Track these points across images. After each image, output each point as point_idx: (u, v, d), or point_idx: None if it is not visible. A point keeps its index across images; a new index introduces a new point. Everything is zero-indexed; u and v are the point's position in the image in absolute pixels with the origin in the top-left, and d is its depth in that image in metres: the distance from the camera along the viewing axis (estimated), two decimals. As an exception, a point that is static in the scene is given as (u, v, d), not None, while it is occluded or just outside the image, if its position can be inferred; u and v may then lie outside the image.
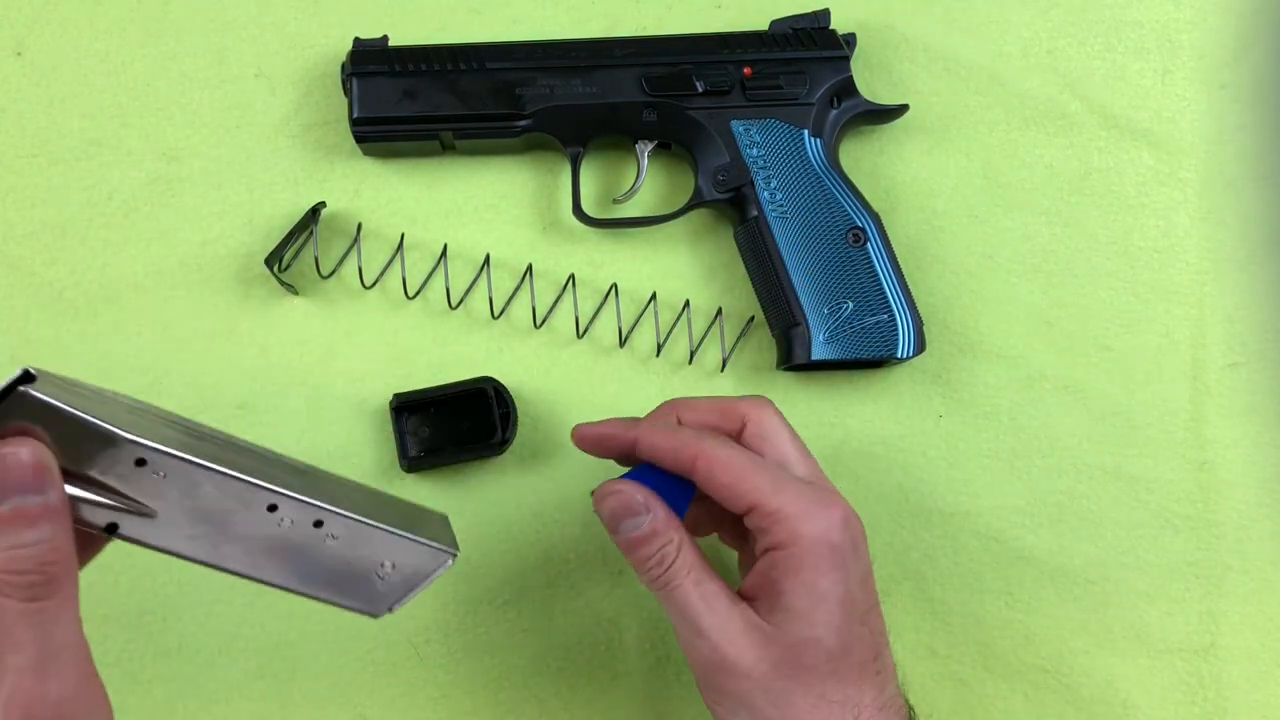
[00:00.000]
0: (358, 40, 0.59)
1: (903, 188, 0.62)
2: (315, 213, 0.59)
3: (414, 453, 0.58)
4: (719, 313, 0.61)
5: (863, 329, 0.57)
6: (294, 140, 0.61)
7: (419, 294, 0.60)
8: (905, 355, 0.57)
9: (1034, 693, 0.59)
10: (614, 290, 0.60)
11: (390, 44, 0.59)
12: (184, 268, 0.60)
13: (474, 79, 0.58)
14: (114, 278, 0.60)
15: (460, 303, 0.60)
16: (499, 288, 0.61)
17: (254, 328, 0.60)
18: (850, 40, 0.60)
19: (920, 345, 0.57)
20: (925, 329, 0.59)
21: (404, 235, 0.60)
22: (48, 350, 0.59)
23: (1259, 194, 0.62)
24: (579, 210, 0.59)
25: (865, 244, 0.57)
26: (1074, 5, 0.64)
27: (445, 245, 0.60)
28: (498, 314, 0.60)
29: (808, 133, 0.59)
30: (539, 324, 0.60)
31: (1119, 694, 0.59)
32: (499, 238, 0.61)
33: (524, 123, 0.58)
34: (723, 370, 0.61)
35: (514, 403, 0.58)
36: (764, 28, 0.60)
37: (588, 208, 0.61)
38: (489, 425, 0.58)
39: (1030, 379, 0.61)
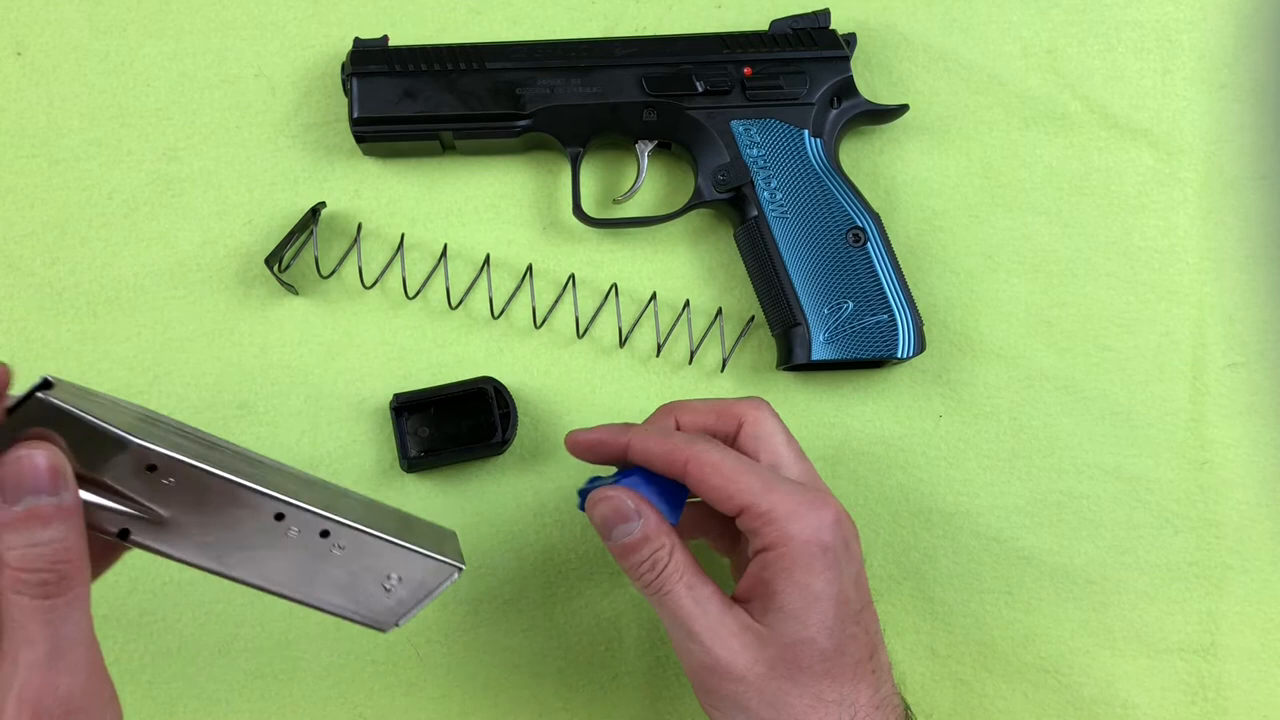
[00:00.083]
0: (358, 40, 0.59)
1: (903, 188, 0.62)
2: (315, 213, 0.59)
3: (414, 453, 0.58)
4: (719, 313, 0.61)
5: (863, 329, 0.57)
6: (294, 140, 0.61)
7: (419, 294, 0.60)
8: (905, 355, 0.57)
9: (1034, 693, 0.59)
10: (614, 290, 0.60)
11: (390, 44, 0.59)
12: (184, 268, 0.60)
13: (474, 79, 0.58)
14: (114, 278, 0.60)
15: (460, 303, 0.60)
16: (499, 288, 0.61)
17: (254, 328, 0.60)
18: (850, 40, 0.60)
19: (920, 345, 0.57)
20: (925, 329, 0.59)
21: (404, 235, 0.60)
22: (48, 350, 0.59)
23: (1259, 194, 0.62)
24: (579, 210, 0.59)
25: (865, 244, 0.57)
26: (1074, 5, 0.64)
27: (445, 245, 0.60)
28: (498, 314, 0.60)
29: (808, 133, 0.59)
30: (539, 324, 0.60)
31: (1119, 694, 0.59)
32: (499, 238, 0.61)
33: (524, 123, 0.58)
34: (723, 370, 0.61)
35: (514, 403, 0.58)
36: (764, 28, 0.60)
37: (588, 208, 0.61)
38: (489, 425, 0.58)
39: (1030, 379, 0.61)
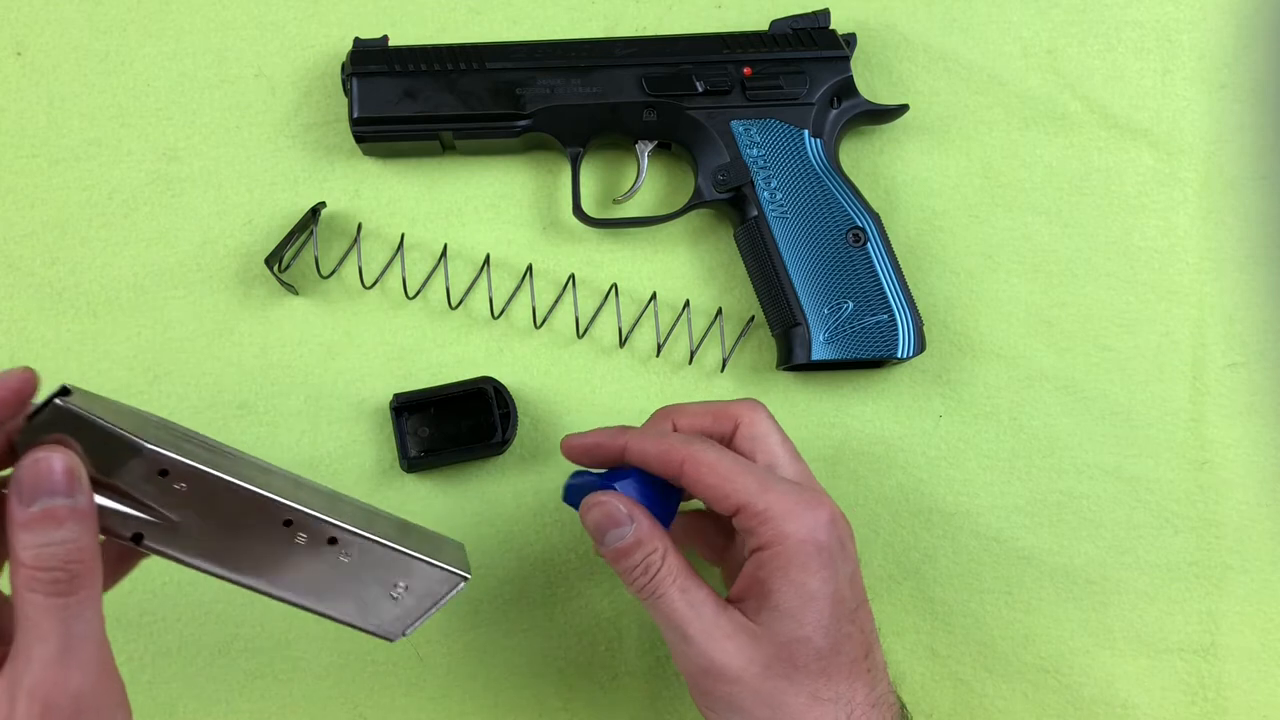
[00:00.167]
0: (358, 40, 0.59)
1: (903, 188, 0.62)
2: (315, 213, 0.59)
3: (414, 453, 0.58)
4: (719, 313, 0.61)
5: (863, 329, 0.57)
6: (294, 140, 0.61)
7: (419, 294, 0.60)
8: (905, 355, 0.57)
9: (1034, 693, 0.59)
10: (614, 290, 0.60)
11: (390, 44, 0.59)
12: (184, 268, 0.60)
13: (474, 79, 0.58)
14: (114, 278, 0.60)
15: (460, 303, 0.60)
16: (499, 288, 0.61)
17: (254, 328, 0.60)
18: (850, 40, 0.60)
19: (920, 345, 0.57)
20: (925, 329, 0.59)
21: (404, 235, 0.60)
22: (48, 350, 0.59)
23: (1259, 194, 0.62)
24: (579, 210, 0.59)
25: (865, 244, 0.57)
26: (1074, 5, 0.64)
27: (445, 245, 0.60)
28: (498, 314, 0.60)
29: (808, 133, 0.59)
30: (539, 324, 0.60)
31: (1119, 694, 0.59)
32: (499, 238, 0.61)
33: (524, 123, 0.58)
34: (723, 370, 0.61)
35: (514, 403, 0.58)
36: (764, 28, 0.60)
37: (588, 208, 0.61)
38: (489, 425, 0.58)
39: (1030, 379, 0.61)
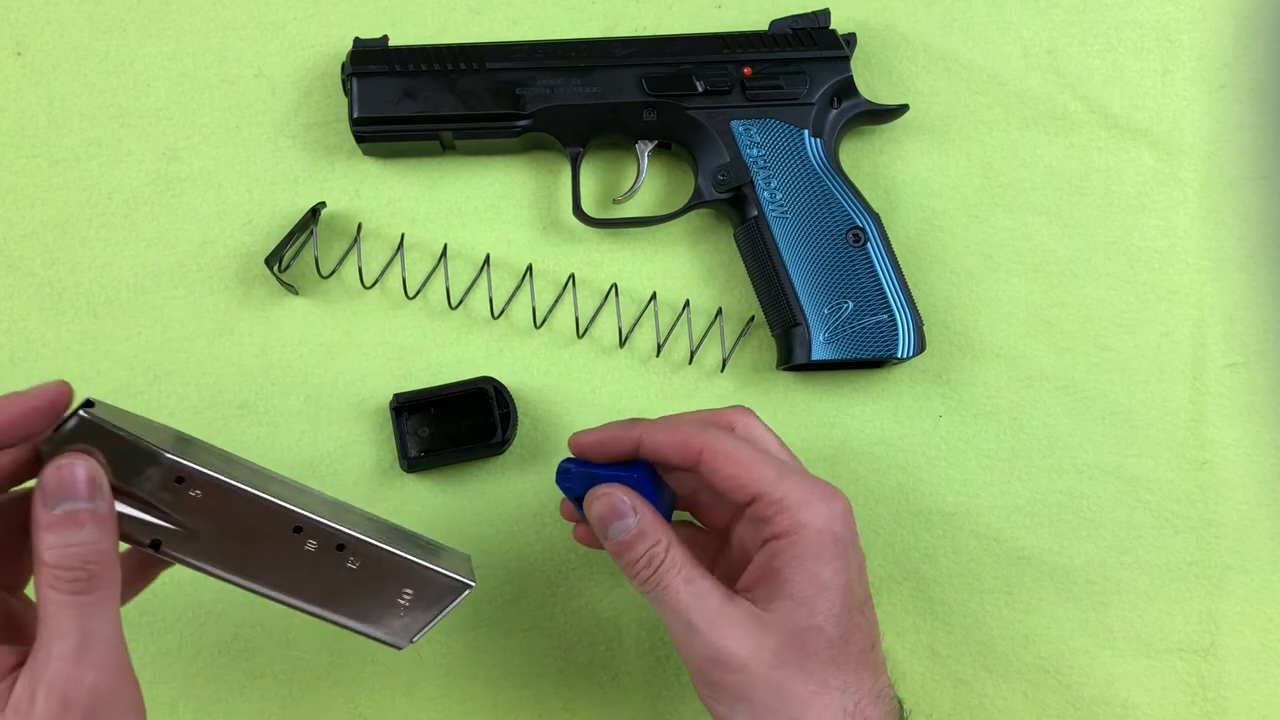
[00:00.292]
0: (358, 40, 0.59)
1: (903, 188, 0.62)
2: (315, 213, 0.59)
3: (414, 453, 0.58)
4: (719, 313, 0.61)
5: (863, 329, 0.57)
6: (294, 140, 0.61)
7: (419, 294, 0.60)
8: (905, 355, 0.57)
9: (1034, 693, 0.59)
10: (614, 290, 0.60)
11: (390, 44, 0.59)
12: (184, 268, 0.60)
13: (474, 79, 0.58)
14: (114, 278, 0.60)
15: (460, 303, 0.60)
16: (499, 288, 0.61)
17: (254, 328, 0.60)
18: (850, 40, 0.60)
19: (920, 345, 0.57)
20: (925, 329, 0.59)
21: (404, 235, 0.60)
22: (48, 350, 0.59)
23: (1259, 194, 0.62)
24: (579, 210, 0.59)
25: (865, 244, 0.57)
26: (1074, 5, 0.64)
27: (445, 245, 0.60)
28: (498, 314, 0.60)
29: (808, 133, 0.59)
30: (539, 324, 0.60)
31: (1119, 694, 0.59)
32: (499, 238, 0.61)
33: (524, 123, 0.58)
34: (723, 370, 0.61)
35: (514, 403, 0.58)
36: (764, 28, 0.60)
37: (588, 208, 0.61)
38: (489, 425, 0.58)
39: (1030, 379, 0.61)
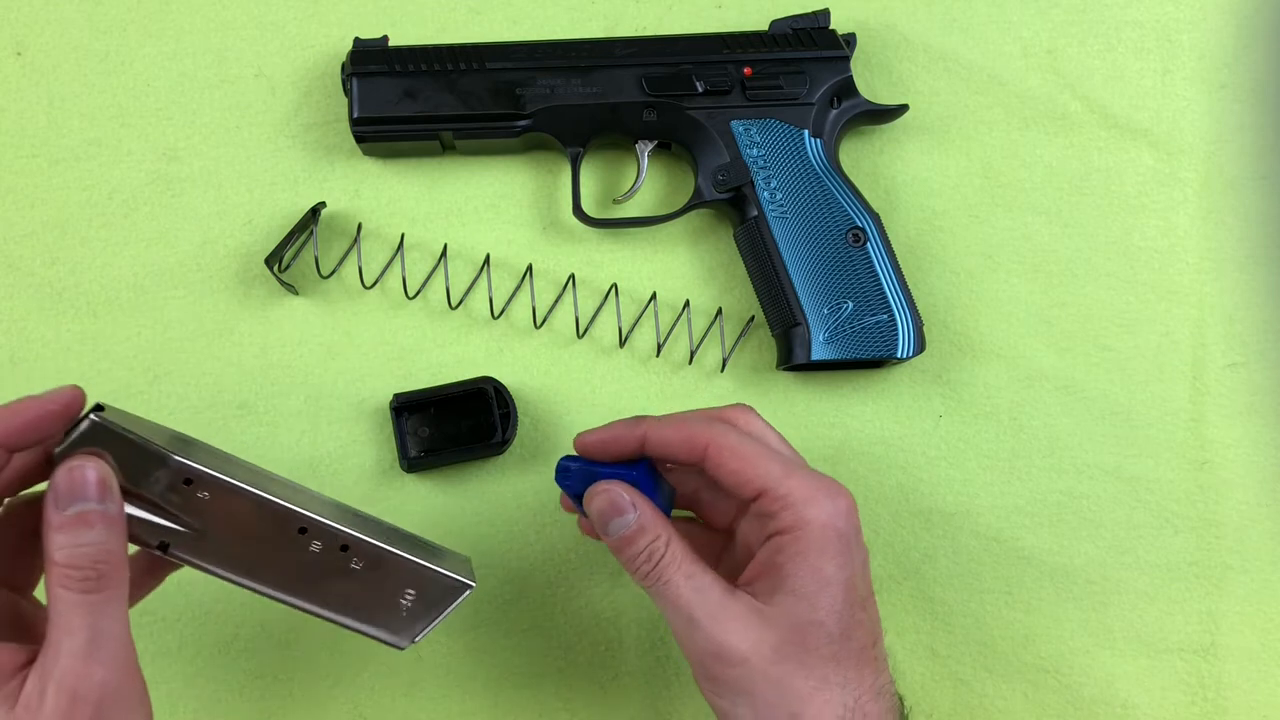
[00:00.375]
0: (358, 40, 0.59)
1: (903, 188, 0.62)
2: (315, 213, 0.59)
3: (414, 453, 0.58)
4: (719, 313, 0.61)
5: (863, 329, 0.57)
6: (294, 140, 0.61)
7: (419, 294, 0.60)
8: (905, 355, 0.57)
9: (1034, 693, 0.59)
10: (614, 290, 0.60)
11: (390, 44, 0.59)
12: (184, 268, 0.60)
13: (474, 79, 0.58)
14: (114, 278, 0.60)
15: (460, 303, 0.60)
16: (499, 288, 0.61)
17: (254, 328, 0.60)
18: (850, 40, 0.60)
19: (920, 345, 0.57)
20: (925, 329, 0.59)
21: (404, 235, 0.60)
22: (48, 350, 0.59)
23: (1259, 194, 0.62)
24: (579, 210, 0.59)
25: (865, 244, 0.57)
26: (1074, 5, 0.64)
27: (445, 245, 0.60)
28: (498, 314, 0.60)
29: (808, 133, 0.59)
30: (539, 324, 0.60)
31: (1119, 694, 0.59)
32: (499, 238, 0.61)
33: (524, 123, 0.58)
34: (723, 370, 0.61)
35: (514, 403, 0.58)
36: (764, 28, 0.60)
37: (588, 208, 0.61)
38: (489, 425, 0.58)
39: (1030, 379, 0.61)
